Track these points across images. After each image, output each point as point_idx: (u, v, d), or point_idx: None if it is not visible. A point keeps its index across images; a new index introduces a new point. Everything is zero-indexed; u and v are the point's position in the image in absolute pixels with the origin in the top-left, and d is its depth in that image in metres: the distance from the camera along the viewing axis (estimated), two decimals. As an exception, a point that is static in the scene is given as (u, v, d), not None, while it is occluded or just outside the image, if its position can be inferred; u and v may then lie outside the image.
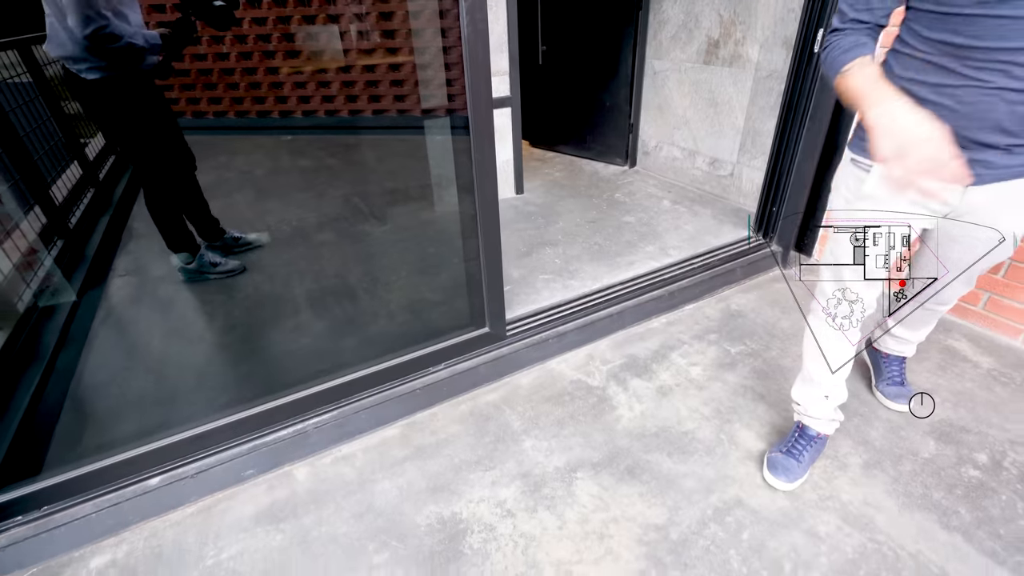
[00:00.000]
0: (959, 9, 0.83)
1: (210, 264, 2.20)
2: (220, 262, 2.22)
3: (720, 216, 2.62)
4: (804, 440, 1.35)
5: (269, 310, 2.07)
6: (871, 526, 1.23)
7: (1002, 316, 1.81)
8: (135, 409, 1.60)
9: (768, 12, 2.38)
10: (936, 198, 0.80)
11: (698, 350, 1.84)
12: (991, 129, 0.89)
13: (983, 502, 1.27)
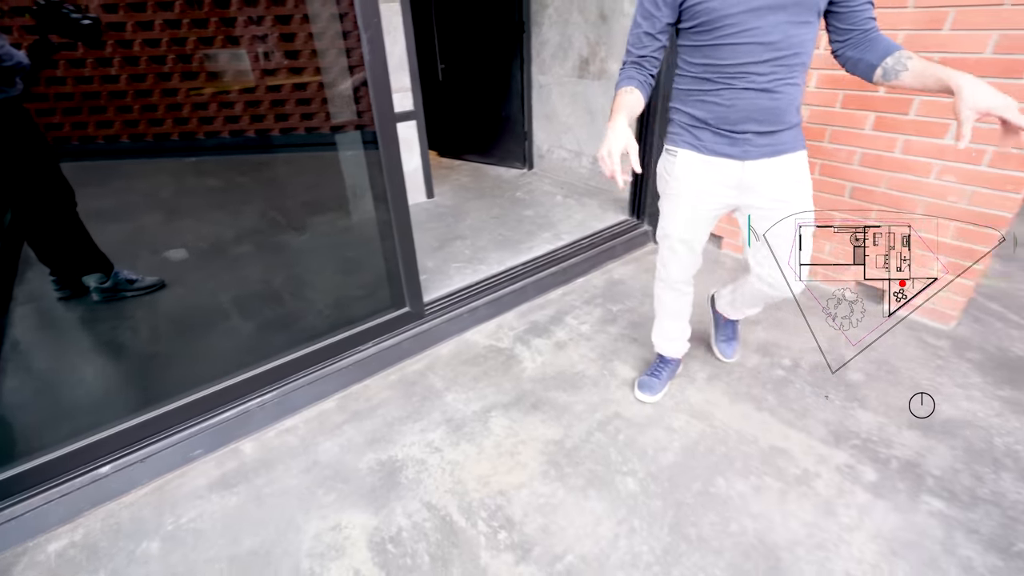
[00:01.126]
0: (707, 41, 1.18)
1: (126, 281, 2.25)
2: (137, 279, 2.28)
3: (604, 205, 3.07)
4: (662, 364, 1.76)
5: (200, 316, 2.18)
6: (710, 417, 1.64)
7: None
8: (73, 411, 1.68)
9: (623, 35, 2.87)
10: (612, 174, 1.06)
11: (587, 312, 2.23)
12: (746, 119, 1.22)
13: (784, 390, 1.74)
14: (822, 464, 1.46)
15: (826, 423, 1.60)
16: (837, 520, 1.31)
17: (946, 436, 1.54)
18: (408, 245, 1.89)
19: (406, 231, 1.87)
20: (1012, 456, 1.47)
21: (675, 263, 1.53)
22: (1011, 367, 1.81)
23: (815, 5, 1.10)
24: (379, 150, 1.72)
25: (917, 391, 1.70)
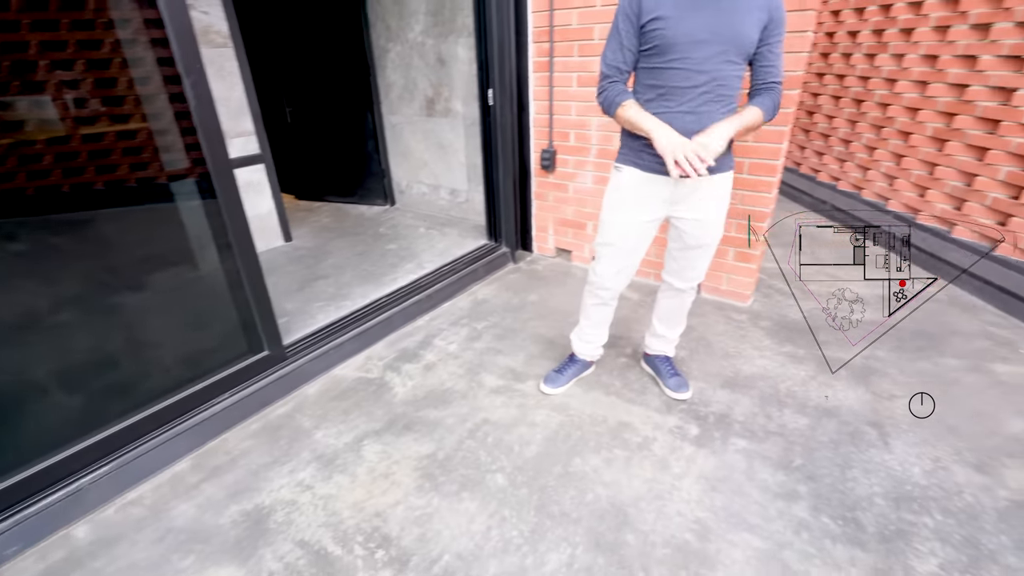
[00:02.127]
0: (656, 64, 1.37)
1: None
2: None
3: (464, 233, 3.25)
4: (570, 363, 1.95)
5: (6, 397, 1.88)
6: (567, 408, 1.83)
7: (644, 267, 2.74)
8: None
9: (461, 78, 3.13)
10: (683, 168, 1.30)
11: (454, 333, 2.34)
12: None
13: (627, 375, 2.00)
14: (658, 430, 1.71)
15: (659, 395, 1.88)
16: (670, 472, 1.54)
17: (747, 389, 1.90)
18: (260, 290, 1.86)
19: (256, 277, 1.83)
20: (791, 396, 1.85)
21: (610, 269, 1.64)
22: (789, 328, 2.28)
23: (743, 50, 1.34)
24: (217, 197, 1.70)
25: (727, 356, 2.07)
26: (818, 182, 3.87)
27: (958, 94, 2.67)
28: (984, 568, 1.24)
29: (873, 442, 1.63)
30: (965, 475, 1.50)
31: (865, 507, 1.41)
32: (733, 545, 1.31)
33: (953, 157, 2.69)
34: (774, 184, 2.25)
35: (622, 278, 1.67)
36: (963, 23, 2.61)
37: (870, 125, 3.33)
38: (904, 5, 3.00)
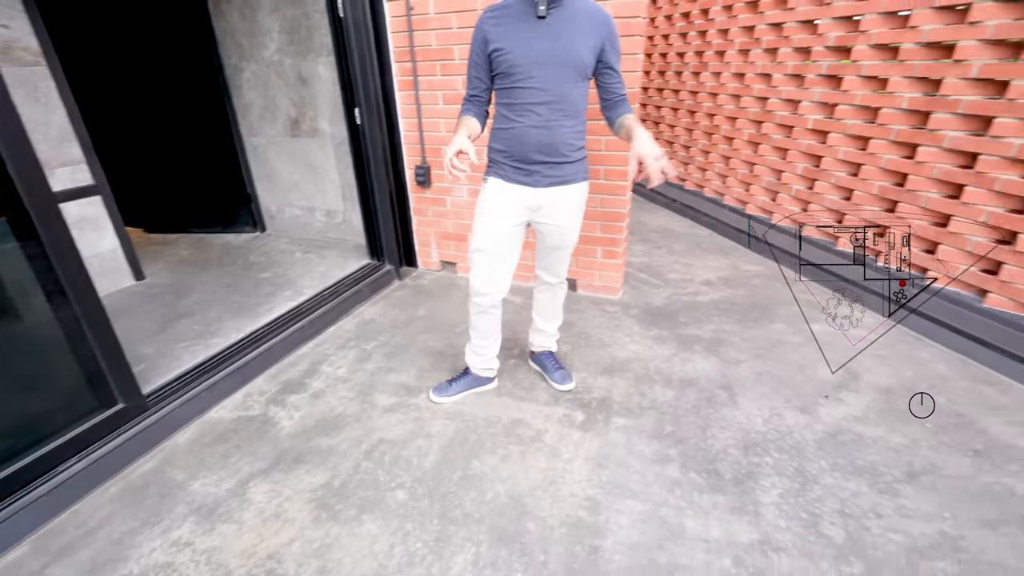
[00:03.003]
0: (506, 85, 1.51)
1: None
2: None
3: (344, 254, 3.16)
4: (462, 375, 1.97)
5: None
6: (462, 414, 1.88)
7: (526, 271, 2.89)
8: None
9: (326, 97, 3.06)
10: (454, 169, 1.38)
11: (342, 356, 2.27)
12: (535, 150, 1.54)
13: (516, 374, 2.10)
14: (548, 421, 1.83)
15: (547, 390, 2.00)
16: (561, 458, 1.66)
17: (623, 372, 2.10)
18: (107, 337, 1.66)
19: (100, 322, 1.63)
20: (659, 373, 2.09)
21: (483, 274, 1.70)
22: (654, 314, 2.56)
23: (581, 71, 1.48)
24: (40, 238, 1.49)
25: (603, 345, 2.27)
26: (668, 183, 4.38)
27: (761, 105, 3.21)
28: (810, 489, 1.51)
29: (725, 402, 1.90)
30: (793, 417, 1.81)
31: (722, 458, 1.64)
32: (620, 513, 1.45)
33: (764, 157, 3.23)
34: (627, 188, 2.52)
35: (498, 285, 1.75)
36: (758, 47, 3.16)
37: (703, 132, 3.86)
38: (716, 31, 3.54)
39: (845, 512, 1.44)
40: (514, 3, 1.48)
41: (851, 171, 2.71)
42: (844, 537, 1.37)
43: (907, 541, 1.35)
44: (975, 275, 2.17)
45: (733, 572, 1.28)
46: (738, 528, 1.40)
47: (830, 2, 2.66)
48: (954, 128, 2.20)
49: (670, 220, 4.05)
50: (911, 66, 2.33)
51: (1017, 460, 1.61)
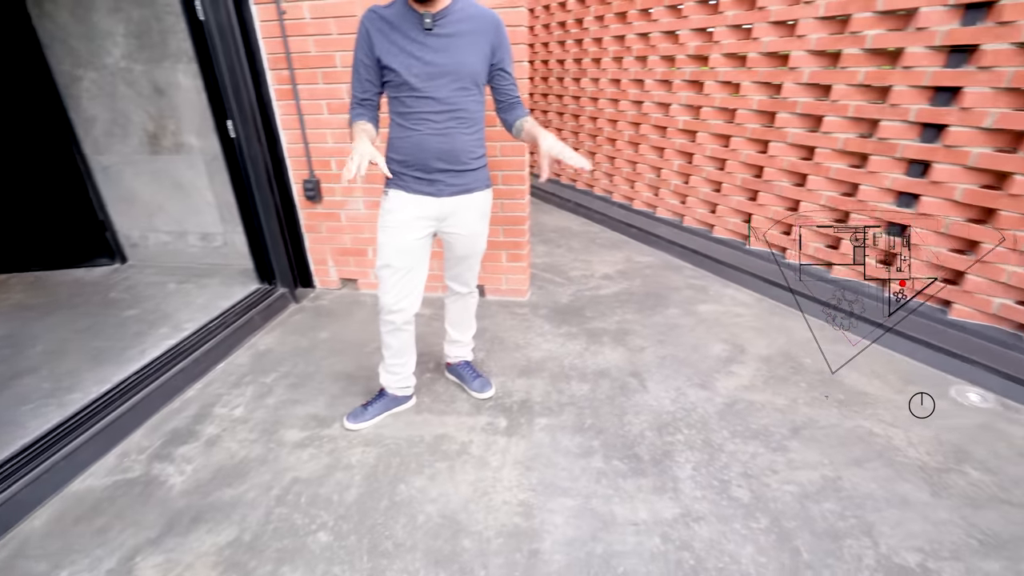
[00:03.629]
0: (398, 94, 1.48)
1: None
2: None
3: (228, 281, 2.87)
4: (378, 397, 1.88)
5: None
6: (381, 438, 1.79)
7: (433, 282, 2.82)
8: None
9: (191, 108, 2.75)
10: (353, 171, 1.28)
11: (238, 394, 2.05)
12: (435, 159, 1.51)
13: (434, 388, 2.05)
14: (472, 432, 1.81)
15: (468, 400, 1.98)
16: (490, 467, 1.64)
17: (540, 372, 2.14)
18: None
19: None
20: (574, 369, 2.16)
21: (393, 291, 1.63)
22: (562, 312, 2.65)
23: (473, 79, 1.48)
24: None
25: (518, 348, 2.29)
26: (562, 184, 4.56)
27: (638, 108, 3.47)
28: (717, 458, 1.65)
29: (636, 388, 2.02)
30: (695, 394, 1.97)
31: (640, 442, 1.74)
32: (553, 512, 1.48)
33: (644, 156, 3.50)
34: (525, 191, 2.58)
35: (410, 300, 1.69)
36: (630, 55, 3.41)
37: (588, 135, 4.07)
38: (591, 40, 3.76)
39: (748, 474, 1.59)
40: (397, 11, 1.44)
41: (718, 166, 3.02)
42: (750, 496, 1.51)
43: (799, 490, 1.53)
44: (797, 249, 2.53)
45: (662, 548, 1.36)
46: (661, 506, 1.48)
47: (687, 15, 2.95)
48: (795, 126, 2.54)
49: (566, 219, 4.22)
50: (756, 72, 2.65)
51: (870, 404, 1.90)
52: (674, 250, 3.35)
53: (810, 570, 1.29)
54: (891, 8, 2.07)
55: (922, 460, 1.64)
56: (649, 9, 3.19)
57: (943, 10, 1.94)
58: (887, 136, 2.19)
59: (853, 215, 2.38)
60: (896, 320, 2.24)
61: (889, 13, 2.10)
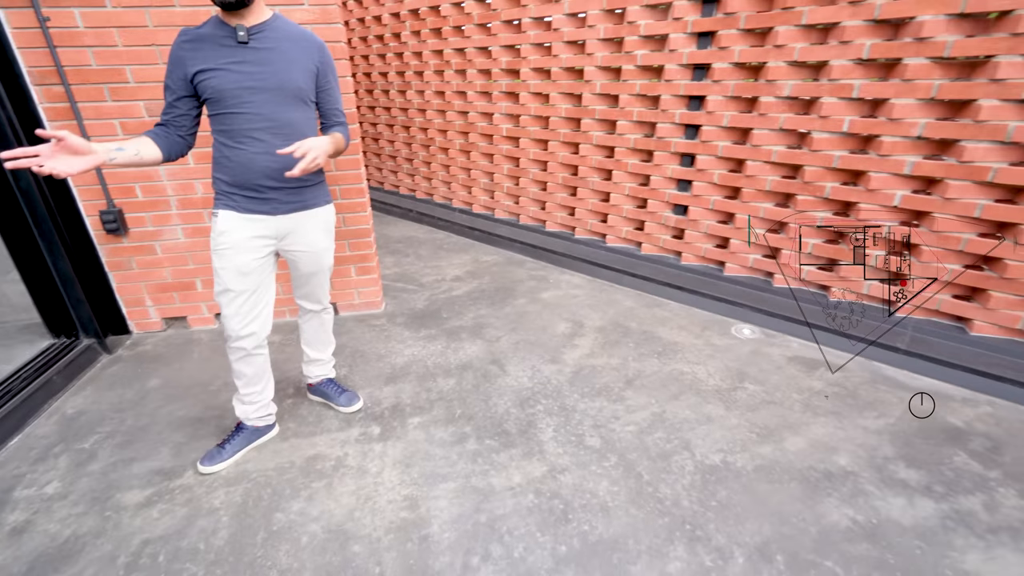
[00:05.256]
0: (219, 111, 1.42)
1: None
2: None
3: (7, 340, 2.35)
4: (235, 432, 1.77)
5: None
6: (246, 473, 1.68)
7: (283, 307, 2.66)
8: None
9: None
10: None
11: (46, 469, 1.73)
12: (265, 177, 1.48)
13: (298, 412, 1.98)
14: (346, 445, 1.80)
15: (336, 416, 1.95)
16: (370, 474, 1.67)
17: (406, 376, 2.20)
18: None
19: None
20: (438, 367, 2.26)
21: (237, 315, 1.56)
22: (420, 317, 2.73)
23: (299, 96, 1.48)
24: None
25: (381, 358, 2.32)
26: (402, 195, 4.61)
27: (464, 118, 3.70)
28: (572, 417, 1.91)
29: (497, 373, 2.20)
30: (547, 368, 2.23)
31: (506, 419, 1.91)
32: (437, 498, 1.56)
33: (476, 163, 3.74)
34: (366, 204, 2.60)
35: (258, 323, 1.62)
36: (450, 68, 3.62)
37: (421, 145, 4.20)
38: (411, 54, 3.88)
39: (597, 424, 1.87)
40: (210, 28, 1.39)
41: (541, 168, 3.39)
42: (601, 442, 1.79)
43: (636, 428, 1.85)
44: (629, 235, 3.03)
45: (536, 502, 1.54)
46: (531, 468, 1.67)
47: (496, 34, 3.25)
48: (597, 129, 2.99)
49: (410, 229, 4.29)
50: (561, 84, 3.05)
51: (680, 351, 2.35)
52: (515, 247, 3.66)
53: (650, 487, 1.59)
54: (651, 34, 2.59)
55: (718, 385, 2.10)
56: (462, 27, 3.44)
57: (684, 37, 2.49)
58: (664, 135, 2.72)
59: (650, 202, 2.90)
60: (687, 282, 2.79)
61: (650, 37, 2.62)
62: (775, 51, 2.24)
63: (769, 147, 2.39)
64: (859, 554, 1.37)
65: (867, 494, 1.56)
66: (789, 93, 2.26)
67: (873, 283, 2.28)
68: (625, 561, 1.36)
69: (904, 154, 2.06)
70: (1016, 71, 1.78)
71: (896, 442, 1.78)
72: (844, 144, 2.21)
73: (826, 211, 2.34)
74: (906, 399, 2.00)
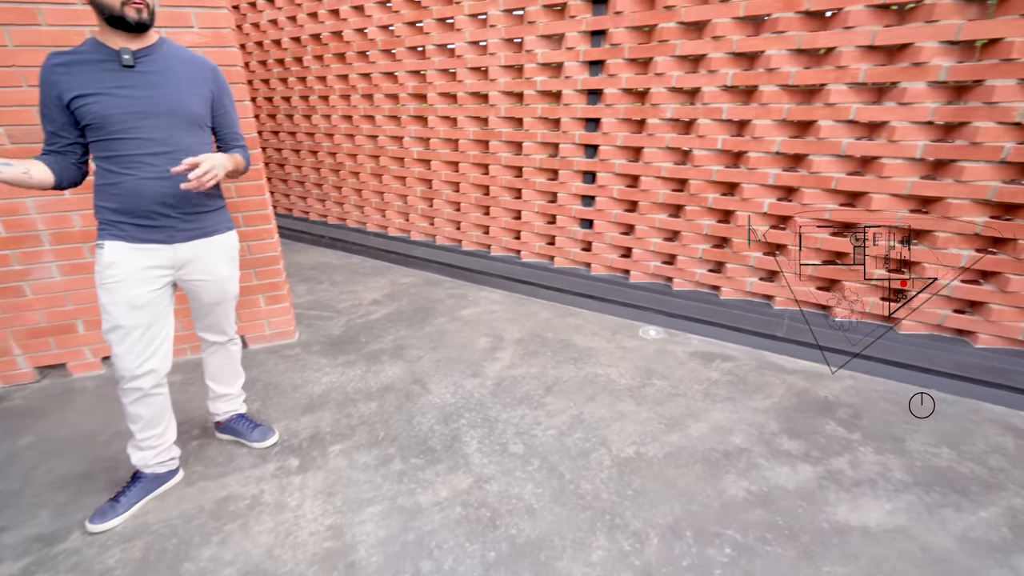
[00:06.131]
0: (101, 137, 1.34)
1: None
2: None
3: None
4: (131, 483, 1.62)
5: None
6: (146, 527, 1.54)
7: (181, 343, 2.47)
8: None
9: None
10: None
11: None
12: (158, 203, 1.41)
13: (205, 454, 1.85)
14: (262, 482, 1.71)
15: (250, 453, 1.85)
16: (289, 508, 1.60)
17: (325, 404, 2.13)
18: None
19: None
20: (359, 391, 2.22)
21: (131, 354, 1.46)
22: (337, 343, 2.66)
23: (192, 120, 1.43)
24: None
25: (296, 388, 2.23)
26: (312, 220, 4.47)
27: (373, 142, 3.70)
28: (495, 428, 1.96)
29: (420, 392, 2.20)
30: (470, 383, 2.27)
31: (431, 436, 1.92)
32: (363, 523, 1.53)
33: (389, 186, 3.74)
34: (273, 230, 2.51)
35: (156, 360, 1.51)
36: (356, 93, 3.62)
37: (330, 170, 4.12)
38: (315, 78, 3.83)
39: (520, 432, 1.94)
40: (88, 51, 1.32)
41: (454, 189, 3.46)
42: (524, 448, 1.85)
43: (557, 431, 1.94)
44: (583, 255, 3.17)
45: (464, 513, 1.56)
46: (457, 481, 1.69)
47: (402, 59, 3.31)
48: (504, 151, 3.13)
49: (323, 255, 4.16)
50: (467, 108, 3.16)
51: (594, 356, 2.50)
52: (432, 267, 3.68)
53: (572, 484, 1.68)
54: (548, 61, 2.78)
55: (629, 384, 2.26)
56: (366, 52, 3.46)
57: (577, 64, 2.70)
58: (566, 155, 2.90)
59: (559, 217, 3.06)
60: (597, 290, 2.97)
61: (547, 65, 2.81)
62: (656, 78, 2.50)
63: (659, 164, 2.64)
64: (754, 520, 1.53)
65: (759, 466, 1.75)
66: (671, 115, 2.53)
67: (754, 280, 2.58)
68: (552, 557, 1.41)
69: (768, 167, 2.38)
70: (842, 96, 2.13)
71: (780, 418, 2.01)
72: (720, 160, 2.50)
73: (710, 220, 2.62)
74: (786, 380, 2.28)
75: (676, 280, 2.80)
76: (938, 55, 1.94)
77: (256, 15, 3.95)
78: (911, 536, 1.48)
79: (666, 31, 2.41)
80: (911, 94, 2.01)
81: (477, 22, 2.97)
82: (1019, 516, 1.55)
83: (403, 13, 3.17)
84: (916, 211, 2.16)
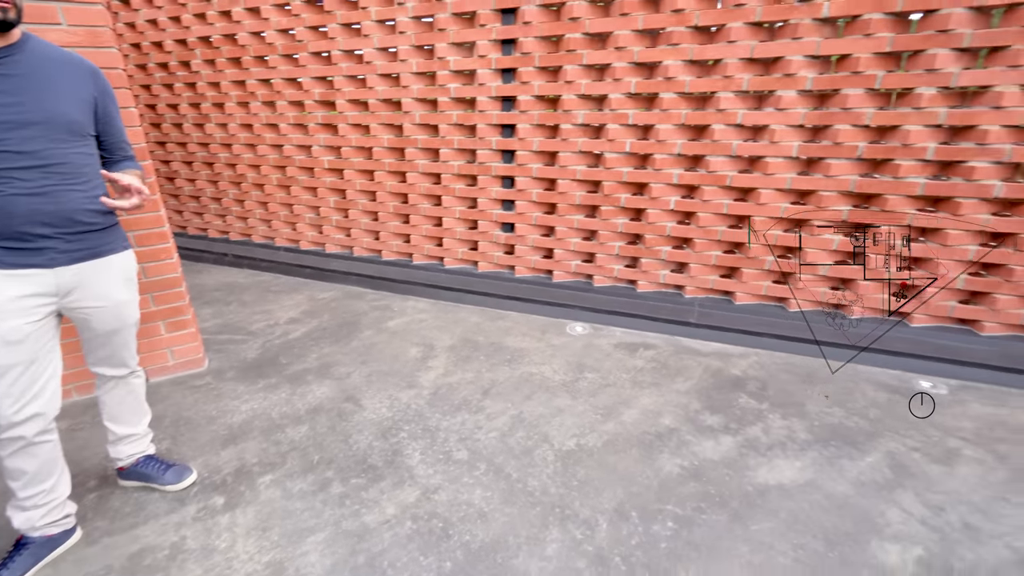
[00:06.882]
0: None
1: None
2: None
3: None
4: (16, 550, 1.39)
5: None
6: (41, 599, 1.33)
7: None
8: None
9: None
10: None
11: None
12: (34, 223, 1.24)
13: (107, 505, 1.63)
14: (182, 527, 1.54)
15: (163, 497, 1.66)
16: (218, 550, 1.45)
17: (248, 434, 1.97)
18: None
19: None
20: (285, 416, 2.08)
21: (8, 398, 1.25)
22: (254, 367, 2.47)
23: (72, 130, 1.28)
24: None
25: (212, 420, 2.03)
26: (213, 239, 4.11)
27: (279, 152, 3.49)
28: (437, 437, 1.93)
29: (353, 410, 2.11)
30: (405, 395, 2.21)
31: (370, 453, 1.85)
32: (306, 554, 1.44)
33: (299, 197, 3.54)
34: (171, 249, 2.28)
35: (40, 402, 1.30)
36: (256, 100, 3.39)
37: (229, 183, 3.81)
38: (206, 84, 3.53)
39: (463, 438, 1.93)
40: None
41: (369, 198, 3.36)
42: (468, 454, 1.84)
43: (499, 433, 1.95)
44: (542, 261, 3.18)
45: (415, 527, 1.52)
46: (404, 496, 1.65)
47: (305, 64, 3.16)
48: (421, 158, 3.10)
49: (228, 275, 3.84)
50: (380, 116, 3.09)
51: (527, 355, 2.55)
52: (351, 280, 3.54)
53: (520, 483, 1.70)
54: (461, 69, 2.80)
55: (563, 379, 2.33)
56: (264, 57, 3.26)
57: (490, 72, 2.75)
58: (484, 160, 2.94)
59: (480, 222, 3.09)
60: (523, 292, 3.04)
61: (460, 72, 2.83)
62: (566, 86, 2.62)
63: (574, 167, 2.76)
64: (690, 493, 1.65)
65: (687, 443, 1.89)
66: (583, 120, 2.66)
67: (666, 272, 2.78)
68: (508, 557, 1.42)
69: (672, 168, 2.58)
70: (731, 103, 2.38)
71: (701, 397, 2.19)
72: (629, 162, 2.68)
73: (624, 218, 2.78)
74: (702, 362, 2.48)
75: (596, 277, 2.94)
76: (804, 67, 2.23)
77: (131, 14, 3.57)
78: (817, 487, 1.68)
79: (572, 41, 2.53)
80: (784, 101, 2.29)
81: (385, 28, 2.92)
82: (895, 457, 1.82)
83: (304, 17, 3.04)
84: (796, 203, 2.46)
